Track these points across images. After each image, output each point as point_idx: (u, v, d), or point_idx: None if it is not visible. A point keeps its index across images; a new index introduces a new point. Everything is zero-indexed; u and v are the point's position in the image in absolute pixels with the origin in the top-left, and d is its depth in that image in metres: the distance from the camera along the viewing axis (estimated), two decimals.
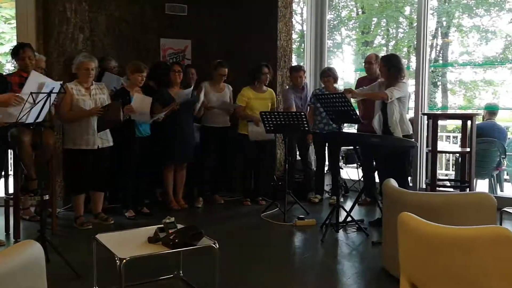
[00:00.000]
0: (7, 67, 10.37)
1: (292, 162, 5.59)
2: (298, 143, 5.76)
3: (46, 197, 3.98)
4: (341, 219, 4.49)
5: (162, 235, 2.82)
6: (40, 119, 3.47)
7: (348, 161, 6.24)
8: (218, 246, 2.81)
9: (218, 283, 2.85)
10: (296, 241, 4.44)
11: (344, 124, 5.52)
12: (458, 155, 5.81)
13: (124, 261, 2.53)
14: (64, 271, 3.29)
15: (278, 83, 6.10)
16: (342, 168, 6.18)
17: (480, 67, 13.15)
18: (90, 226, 4.50)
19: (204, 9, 6.26)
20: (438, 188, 5.01)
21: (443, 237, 1.89)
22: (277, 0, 6.05)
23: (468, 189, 4.98)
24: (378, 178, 4.94)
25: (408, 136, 4.60)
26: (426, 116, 5.49)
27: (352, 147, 5.54)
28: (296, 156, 5.85)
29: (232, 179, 5.98)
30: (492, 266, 1.76)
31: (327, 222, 4.40)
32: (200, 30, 6.24)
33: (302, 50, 11.23)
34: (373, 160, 4.99)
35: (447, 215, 2.91)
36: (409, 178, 5.36)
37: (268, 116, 5.00)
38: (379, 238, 4.01)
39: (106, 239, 2.89)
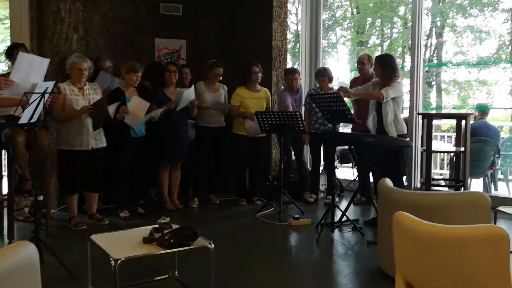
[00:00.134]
0: (1, 67, 10.33)
1: (288, 162, 5.59)
2: (292, 142, 5.76)
3: (40, 197, 3.95)
4: (336, 218, 4.50)
5: (157, 235, 2.81)
6: (34, 119, 3.46)
7: (343, 160, 6.26)
8: (213, 246, 2.80)
9: (213, 284, 2.85)
10: (292, 241, 4.44)
11: (340, 124, 5.55)
12: (453, 154, 5.83)
13: (119, 261, 2.52)
14: (58, 271, 3.28)
15: (273, 83, 6.10)
16: (337, 168, 6.19)
17: (474, 67, 13.20)
18: (84, 227, 4.49)
19: (199, 9, 6.24)
20: (432, 187, 5.02)
21: (438, 236, 1.90)
22: (272, 0, 6.05)
23: (462, 188, 4.99)
24: (373, 178, 4.95)
25: (402, 136, 4.62)
26: (420, 116, 5.51)
27: (347, 147, 5.55)
28: (292, 156, 5.85)
29: (227, 179, 5.98)
30: (486, 265, 1.77)
31: (323, 222, 4.40)
32: (195, 30, 6.22)
33: (297, 50, 11.25)
34: (368, 160, 5.00)
35: (441, 214, 2.92)
36: (404, 177, 5.39)
37: (264, 116, 5.00)
38: (374, 238, 4.01)
39: (100, 239, 2.88)
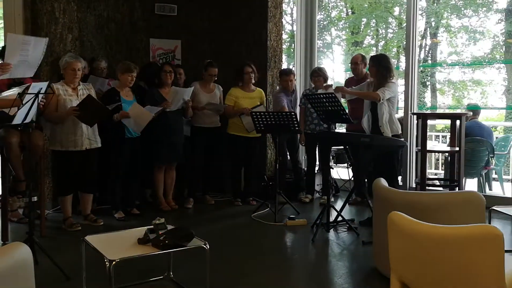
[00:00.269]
0: None
1: (283, 162, 5.59)
2: (288, 143, 5.75)
3: (35, 198, 3.93)
4: (331, 218, 4.50)
5: (152, 236, 2.81)
6: (28, 120, 3.44)
7: (338, 160, 6.26)
8: (208, 247, 2.80)
9: (209, 284, 2.84)
10: (287, 241, 4.44)
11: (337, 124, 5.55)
12: (447, 154, 5.85)
13: (113, 262, 2.51)
14: (53, 273, 3.26)
15: (268, 83, 6.10)
16: (333, 168, 6.20)
17: (468, 67, 13.27)
18: (79, 228, 4.47)
19: (194, 9, 6.24)
20: (427, 187, 5.03)
21: (432, 235, 1.90)
22: (267, 1, 6.05)
23: (457, 188, 5.00)
24: (368, 178, 4.96)
25: (397, 136, 4.63)
26: (415, 116, 5.52)
27: (342, 147, 5.55)
28: (287, 156, 5.84)
29: (223, 180, 5.97)
30: (481, 264, 1.78)
31: (318, 222, 4.41)
32: (190, 31, 6.22)
33: (292, 50, 11.25)
34: (363, 160, 5.01)
35: (436, 214, 2.93)
36: (399, 177, 5.40)
37: (259, 116, 5.00)
38: (369, 238, 4.02)
39: (95, 240, 2.87)
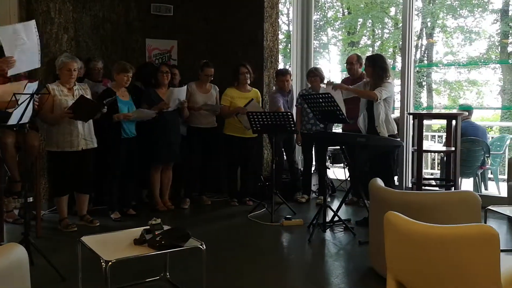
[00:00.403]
0: None
1: (279, 162, 5.59)
2: (284, 143, 5.75)
3: (30, 199, 3.91)
4: (328, 218, 4.51)
5: (148, 236, 2.80)
6: (24, 120, 3.42)
7: (335, 161, 6.27)
8: (205, 247, 2.79)
9: (205, 285, 2.84)
10: (284, 241, 4.44)
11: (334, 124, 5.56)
12: (443, 154, 5.86)
13: (109, 263, 2.50)
14: (48, 274, 3.25)
15: (265, 84, 6.10)
16: (329, 168, 6.20)
17: (464, 67, 13.31)
18: (75, 228, 4.45)
19: (190, 9, 6.23)
20: (423, 187, 5.04)
21: (429, 235, 1.90)
22: (263, 1, 6.05)
23: (453, 188, 5.02)
24: (364, 178, 4.96)
25: (393, 136, 4.64)
26: (411, 116, 5.54)
27: (339, 147, 5.56)
28: (283, 156, 5.85)
29: (219, 180, 5.96)
30: (477, 264, 1.78)
31: (314, 222, 4.41)
32: (186, 31, 6.21)
33: (288, 50, 11.26)
34: (359, 160, 5.01)
35: (432, 214, 2.93)
36: (395, 177, 5.41)
37: (255, 116, 5.00)
38: (366, 238, 4.02)
39: (91, 241, 2.86)
